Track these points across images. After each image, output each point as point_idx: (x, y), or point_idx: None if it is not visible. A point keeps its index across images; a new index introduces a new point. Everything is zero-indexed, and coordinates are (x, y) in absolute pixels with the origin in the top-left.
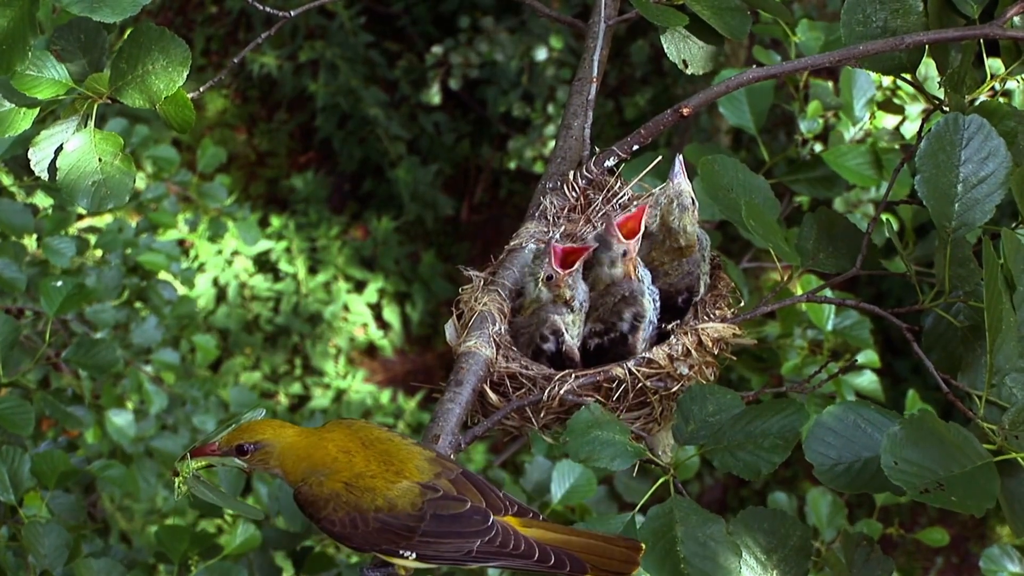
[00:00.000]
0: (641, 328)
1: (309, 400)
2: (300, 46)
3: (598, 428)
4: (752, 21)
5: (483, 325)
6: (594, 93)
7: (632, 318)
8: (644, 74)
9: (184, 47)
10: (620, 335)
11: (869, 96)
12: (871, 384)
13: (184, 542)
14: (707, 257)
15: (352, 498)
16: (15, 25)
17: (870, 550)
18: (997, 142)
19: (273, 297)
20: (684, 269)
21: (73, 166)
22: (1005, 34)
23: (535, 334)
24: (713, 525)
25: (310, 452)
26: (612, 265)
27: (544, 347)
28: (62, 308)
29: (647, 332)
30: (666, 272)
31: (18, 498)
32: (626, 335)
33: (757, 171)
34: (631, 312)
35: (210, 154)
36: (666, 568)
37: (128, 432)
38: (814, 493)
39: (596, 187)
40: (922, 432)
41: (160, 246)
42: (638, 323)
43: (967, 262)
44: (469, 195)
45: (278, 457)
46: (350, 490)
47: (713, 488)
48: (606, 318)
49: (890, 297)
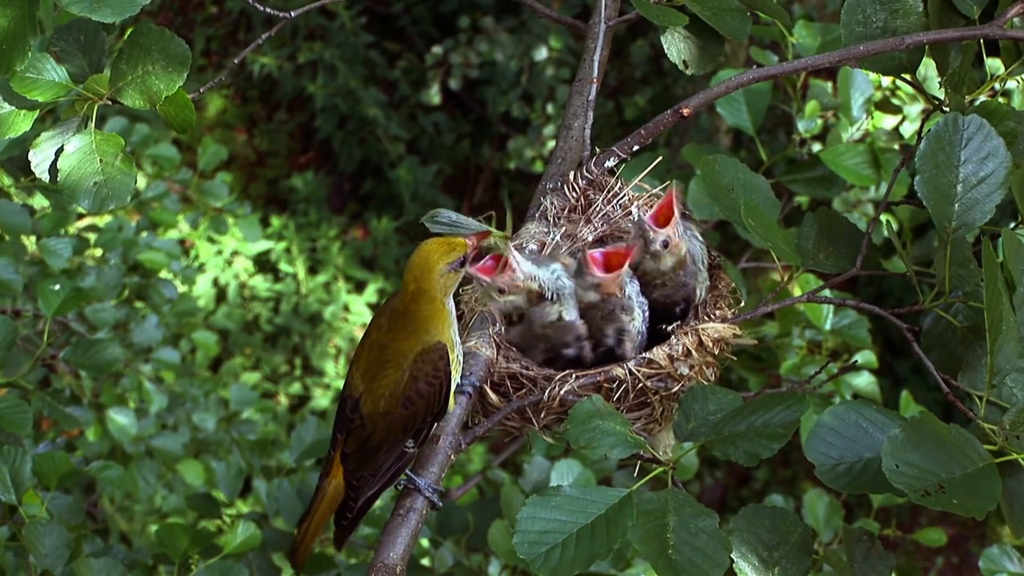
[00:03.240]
0: (627, 340)
1: (309, 400)
2: (299, 47)
3: (599, 418)
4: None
5: (483, 325)
6: (594, 94)
7: (615, 333)
8: (644, 74)
9: (184, 47)
10: (608, 349)
11: (867, 96)
12: (868, 385)
13: (184, 542)
14: (705, 265)
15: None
16: (15, 25)
17: (870, 545)
18: (997, 142)
19: (273, 297)
20: (680, 280)
21: (74, 167)
22: (1005, 34)
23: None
24: (706, 519)
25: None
26: (587, 291)
27: (606, 342)
28: (60, 309)
29: (636, 342)
30: (662, 284)
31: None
32: (613, 348)
33: (756, 171)
34: (613, 328)
35: (211, 152)
36: (653, 548)
37: (129, 431)
38: (811, 494)
39: (596, 187)
40: (923, 434)
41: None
42: (622, 337)
43: (967, 262)
44: (469, 195)
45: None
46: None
47: (713, 488)
48: (593, 333)
49: (890, 297)
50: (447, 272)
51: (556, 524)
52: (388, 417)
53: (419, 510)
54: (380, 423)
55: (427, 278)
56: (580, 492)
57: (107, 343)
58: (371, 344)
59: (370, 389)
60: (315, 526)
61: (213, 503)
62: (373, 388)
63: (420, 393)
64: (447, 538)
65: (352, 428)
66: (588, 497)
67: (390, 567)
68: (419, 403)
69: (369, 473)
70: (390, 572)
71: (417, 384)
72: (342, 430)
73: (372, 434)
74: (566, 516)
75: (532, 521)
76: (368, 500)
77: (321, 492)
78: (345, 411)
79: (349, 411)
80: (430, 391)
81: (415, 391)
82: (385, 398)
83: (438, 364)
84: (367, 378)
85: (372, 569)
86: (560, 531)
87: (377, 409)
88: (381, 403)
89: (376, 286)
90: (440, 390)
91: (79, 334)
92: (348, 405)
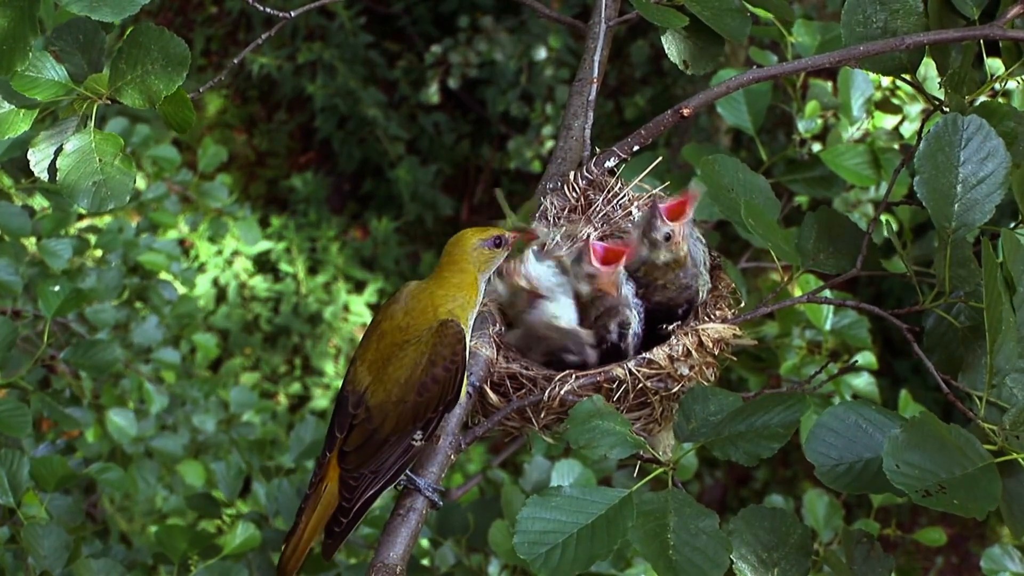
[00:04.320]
0: (628, 335)
1: (309, 400)
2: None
3: (599, 418)
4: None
5: (483, 325)
6: (594, 94)
7: (618, 327)
8: (644, 74)
9: (183, 47)
10: (612, 345)
11: (867, 96)
12: (867, 386)
13: (183, 542)
14: (707, 267)
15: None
16: (15, 25)
17: (870, 547)
18: (996, 142)
19: (273, 297)
20: (682, 283)
21: (73, 167)
22: (1005, 35)
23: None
24: (707, 519)
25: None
26: (580, 280)
27: (610, 338)
28: (60, 310)
29: (633, 341)
30: (664, 286)
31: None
32: (617, 344)
33: (756, 171)
34: (615, 322)
35: (211, 153)
36: (653, 548)
37: (129, 431)
38: (811, 494)
39: (596, 188)
40: (923, 435)
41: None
42: (624, 330)
43: (967, 263)
44: (469, 195)
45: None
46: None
47: (713, 488)
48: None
49: (890, 297)
50: (479, 247)
51: (556, 524)
52: (401, 405)
53: (419, 510)
54: (391, 412)
55: (459, 251)
56: (580, 492)
57: (107, 344)
58: (381, 333)
59: (380, 378)
60: (308, 535)
61: (213, 503)
62: (384, 376)
63: (436, 379)
64: (447, 538)
65: (355, 424)
66: (588, 497)
67: (390, 567)
68: (434, 389)
69: (370, 471)
70: (390, 572)
71: (434, 369)
72: (341, 429)
73: (380, 426)
74: (566, 516)
75: (532, 521)
76: (365, 502)
77: (313, 499)
78: (346, 408)
79: (351, 407)
80: (446, 376)
81: (431, 377)
82: (399, 384)
83: (456, 348)
84: (375, 368)
85: (372, 569)
86: (560, 531)
87: (389, 398)
88: (394, 391)
89: (376, 286)
90: (456, 376)
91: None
92: (350, 401)
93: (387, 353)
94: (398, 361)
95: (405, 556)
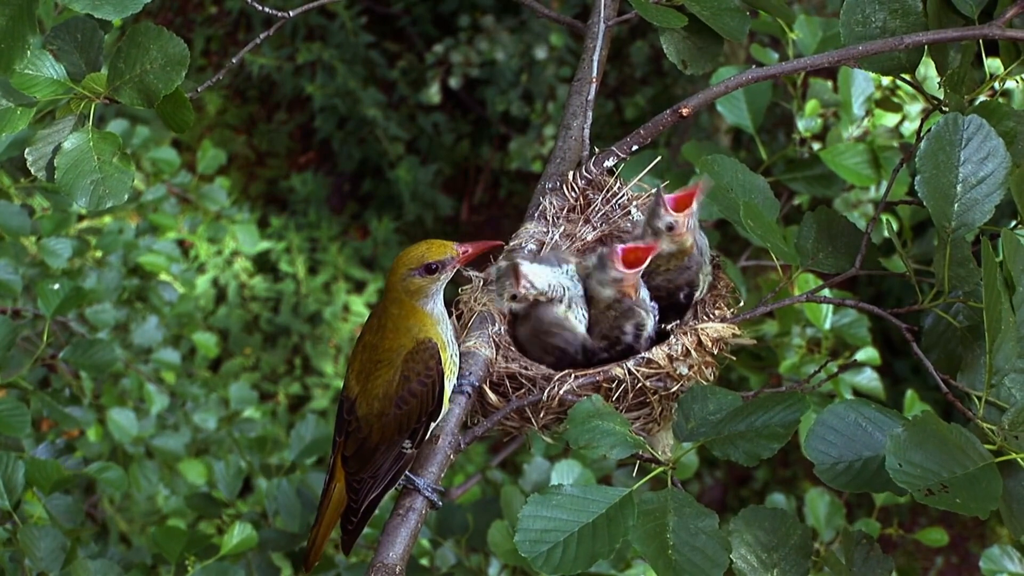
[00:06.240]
0: (643, 338)
1: (309, 400)
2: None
3: (599, 418)
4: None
5: (483, 325)
6: (594, 93)
7: (634, 328)
8: (644, 74)
9: (182, 46)
10: (627, 346)
11: (867, 95)
12: (871, 382)
13: (181, 543)
14: (708, 258)
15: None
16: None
17: (869, 548)
18: (996, 142)
19: (273, 297)
20: (682, 264)
21: (71, 165)
22: (1004, 34)
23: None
24: (706, 519)
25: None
26: (605, 286)
27: (625, 339)
28: (59, 310)
29: (647, 344)
30: (666, 268)
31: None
32: (632, 345)
33: (756, 170)
34: (632, 324)
35: (210, 156)
36: (653, 548)
37: (130, 430)
38: (812, 494)
39: (595, 187)
40: (925, 434)
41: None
42: (640, 332)
43: (966, 262)
44: (469, 195)
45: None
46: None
47: (713, 488)
48: (608, 333)
49: (890, 297)
50: (409, 276)
51: (557, 523)
52: (383, 418)
53: (419, 510)
54: (375, 424)
55: (391, 280)
56: (581, 491)
57: (107, 344)
58: (364, 345)
59: (364, 391)
60: (324, 531)
61: (213, 503)
62: (367, 389)
63: (413, 392)
64: (447, 538)
65: (349, 431)
66: (589, 496)
67: (390, 567)
68: (412, 403)
69: (369, 475)
70: (390, 572)
71: (409, 384)
72: (340, 433)
73: (368, 436)
74: (567, 515)
75: (533, 520)
76: (371, 503)
77: (327, 496)
78: (343, 413)
79: (346, 413)
80: (423, 390)
81: (407, 391)
82: (379, 399)
83: (429, 363)
84: (361, 379)
85: (372, 569)
86: (561, 530)
87: (372, 411)
88: (375, 404)
89: (376, 286)
90: (433, 389)
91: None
92: (345, 407)
93: (368, 367)
94: (377, 376)
95: (405, 556)
